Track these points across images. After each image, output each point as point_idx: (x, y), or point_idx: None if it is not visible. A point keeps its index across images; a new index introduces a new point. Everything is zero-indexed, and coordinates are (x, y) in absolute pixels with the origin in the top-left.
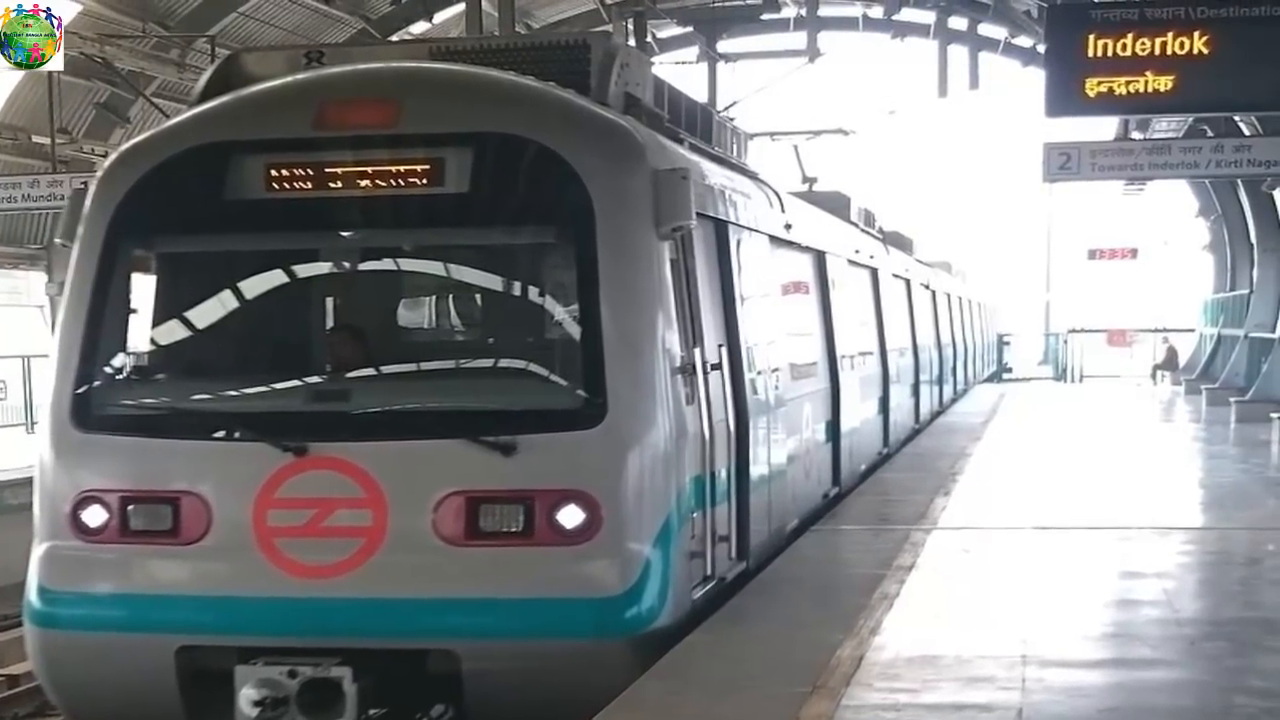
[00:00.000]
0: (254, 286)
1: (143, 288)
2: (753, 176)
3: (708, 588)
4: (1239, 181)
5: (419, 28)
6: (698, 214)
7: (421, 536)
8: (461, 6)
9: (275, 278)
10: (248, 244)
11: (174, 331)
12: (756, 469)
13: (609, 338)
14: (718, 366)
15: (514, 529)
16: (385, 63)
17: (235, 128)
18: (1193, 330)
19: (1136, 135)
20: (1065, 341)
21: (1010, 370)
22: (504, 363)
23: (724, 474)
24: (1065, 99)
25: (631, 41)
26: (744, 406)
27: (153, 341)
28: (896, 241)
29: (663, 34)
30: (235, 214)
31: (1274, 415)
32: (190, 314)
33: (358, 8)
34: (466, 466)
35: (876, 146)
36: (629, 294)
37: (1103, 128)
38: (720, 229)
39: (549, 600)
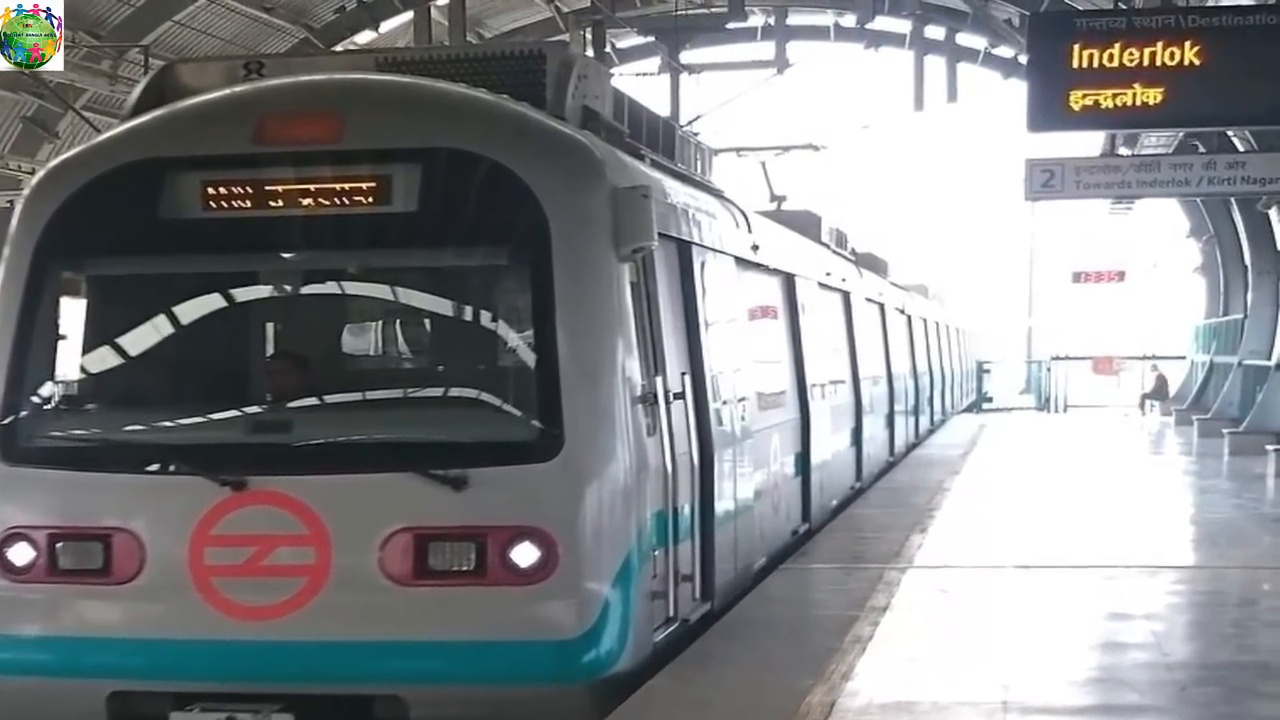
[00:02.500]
0: (190, 311)
1: (72, 312)
2: (718, 194)
3: (670, 630)
4: (1232, 200)
5: (364, 37)
6: (660, 234)
7: (367, 575)
8: (409, 15)
9: (213, 302)
10: (184, 266)
11: (106, 359)
12: (721, 504)
13: (566, 365)
14: (680, 396)
15: (465, 567)
16: (329, 74)
17: (170, 143)
18: (1183, 358)
19: (1124, 151)
20: (1048, 369)
21: (990, 399)
22: (455, 392)
23: (687, 510)
24: (1048, 112)
25: (589, 52)
26: (708, 438)
27: (83, 369)
28: (870, 264)
29: (622, 44)
30: (170, 234)
31: (1270, 447)
32: (123, 340)
33: (300, 16)
34: (415, 501)
35: (849, 163)
36: (587, 319)
37: (1088, 143)
38: (683, 250)
39: (502, 643)
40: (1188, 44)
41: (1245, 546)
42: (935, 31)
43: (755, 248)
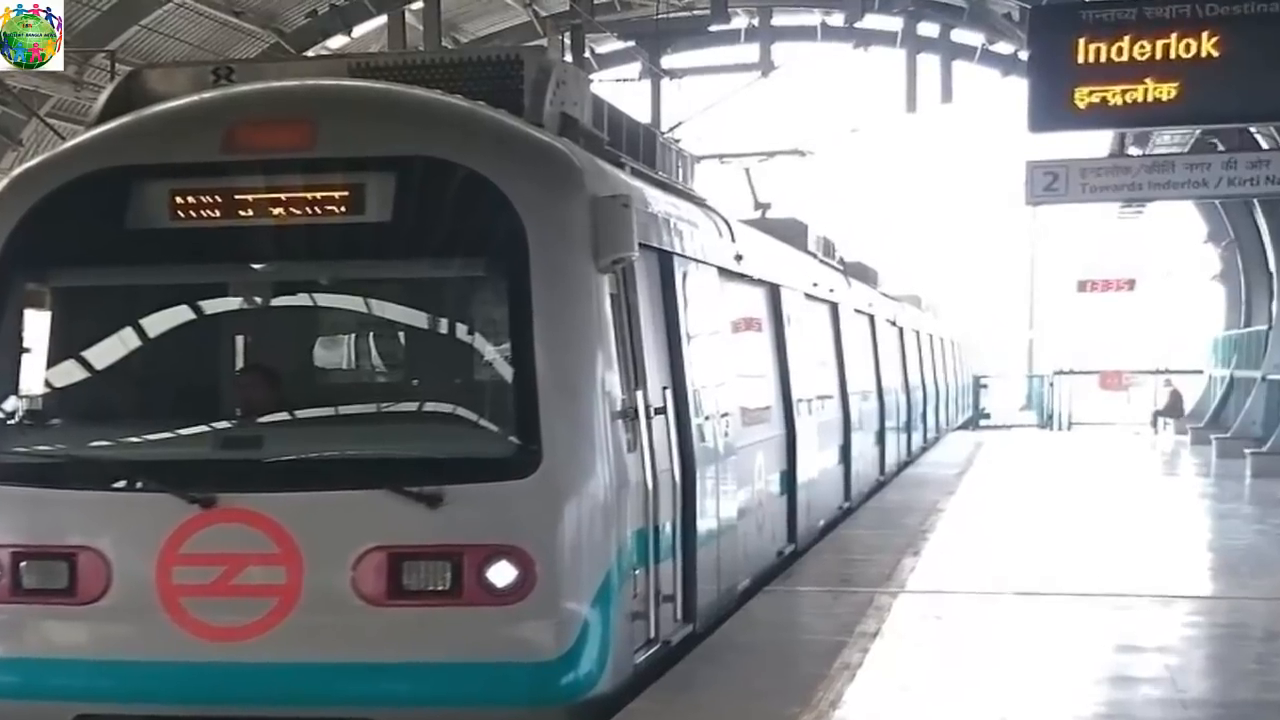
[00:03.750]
0: (158, 324)
1: (37, 325)
2: (700, 203)
3: (651, 651)
4: (1255, 202)
5: (337, 42)
6: (640, 244)
7: (340, 595)
8: (383, 19)
9: (181, 314)
10: (151, 277)
11: (71, 373)
12: (704, 523)
13: (544, 379)
14: (662, 410)
15: (440, 587)
16: (300, 80)
17: (137, 151)
18: (1200, 372)
19: (1134, 151)
20: (1051, 384)
21: (988, 416)
22: (430, 406)
23: (669, 528)
24: (1052, 112)
25: (568, 57)
26: (690, 454)
27: (48, 384)
28: (859, 273)
29: (602, 49)
30: (137, 245)
31: None
32: (89, 354)
33: (270, 20)
34: (389, 519)
35: (837, 169)
36: (565, 331)
37: (1093, 144)
38: (665, 260)
39: (478, 665)
40: (1205, 35)
41: (1270, 576)
42: (929, 28)
43: (739, 257)
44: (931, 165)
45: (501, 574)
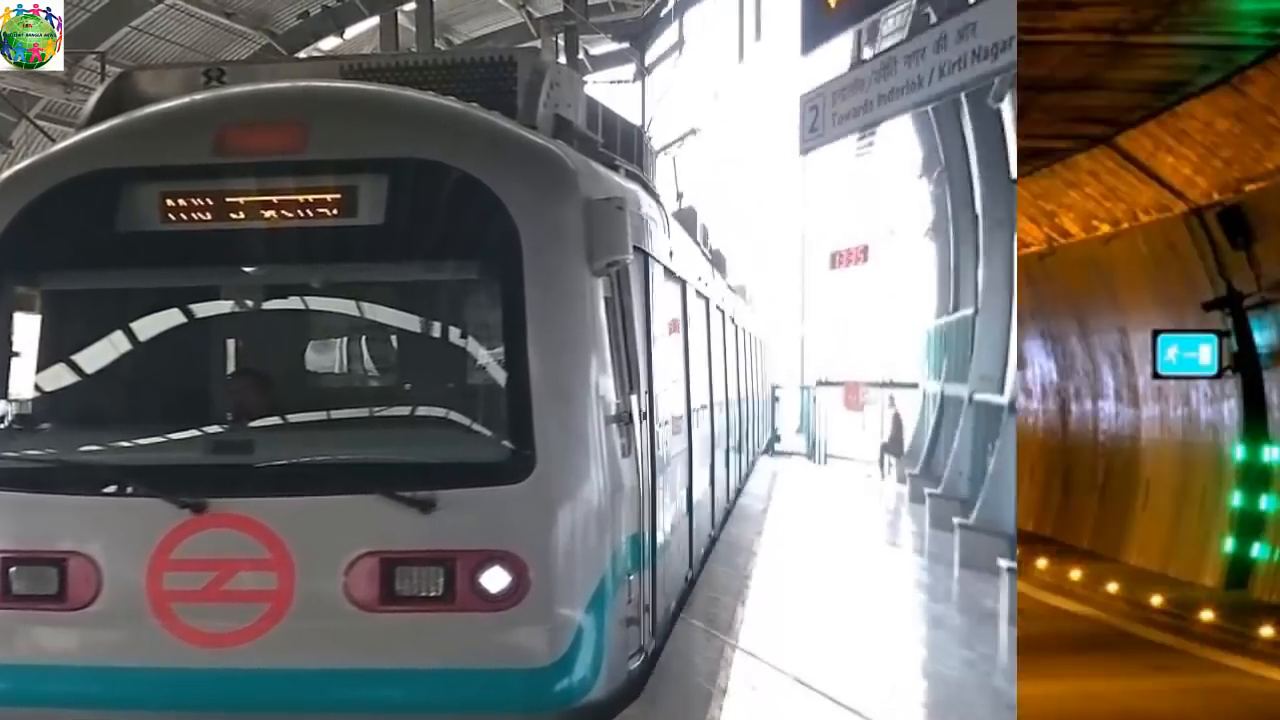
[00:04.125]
0: (148, 327)
1: (26, 328)
2: (657, 199)
3: (643, 659)
4: (962, 100)
5: (329, 43)
6: (631, 247)
7: (332, 601)
8: (376, 20)
9: (172, 318)
10: (141, 280)
11: (61, 377)
12: (660, 535)
13: (537, 383)
14: (646, 416)
15: (433, 593)
16: (292, 82)
17: (127, 153)
18: (915, 386)
19: (867, 53)
20: (814, 399)
21: (779, 439)
22: (422, 411)
23: (648, 537)
24: (816, 22)
25: (562, 59)
26: (657, 461)
27: (37, 388)
28: (719, 263)
29: (596, 51)
30: (127, 248)
31: (1001, 563)
32: (79, 358)
33: (262, 22)
34: (381, 525)
35: (713, 144)
36: (559, 335)
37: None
38: (646, 263)
39: (472, 671)
40: None
41: None
42: None
43: (671, 254)
44: (754, 127)
45: (495, 579)
